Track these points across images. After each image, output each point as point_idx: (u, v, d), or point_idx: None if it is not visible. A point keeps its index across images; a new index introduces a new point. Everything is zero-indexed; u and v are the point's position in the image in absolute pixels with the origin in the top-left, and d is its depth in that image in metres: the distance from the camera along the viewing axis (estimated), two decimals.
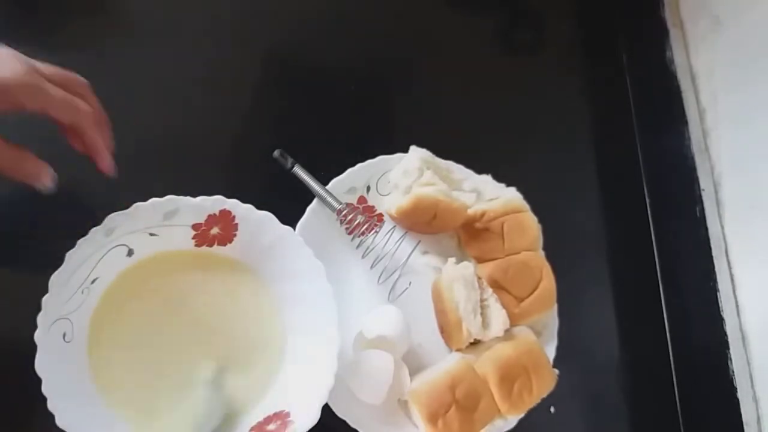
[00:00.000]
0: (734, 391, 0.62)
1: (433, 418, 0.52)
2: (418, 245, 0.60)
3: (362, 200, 0.61)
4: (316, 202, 0.58)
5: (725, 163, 0.70)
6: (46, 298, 0.42)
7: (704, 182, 0.71)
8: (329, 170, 0.60)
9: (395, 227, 0.61)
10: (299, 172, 0.59)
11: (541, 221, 0.62)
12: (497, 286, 0.58)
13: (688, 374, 0.68)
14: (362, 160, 0.61)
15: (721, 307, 0.65)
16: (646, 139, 0.78)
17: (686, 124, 0.74)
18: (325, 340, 0.49)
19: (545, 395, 0.56)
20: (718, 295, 0.66)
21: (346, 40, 0.71)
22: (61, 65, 0.48)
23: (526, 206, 0.62)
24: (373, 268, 0.59)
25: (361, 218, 0.57)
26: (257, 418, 0.49)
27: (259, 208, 0.50)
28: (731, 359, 0.63)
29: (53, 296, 0.42)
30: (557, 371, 0.57)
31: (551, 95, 0.77)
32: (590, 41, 0.83)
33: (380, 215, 0.62)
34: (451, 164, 0.63)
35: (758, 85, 0.66)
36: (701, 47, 0.76)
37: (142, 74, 0.61)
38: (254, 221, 0.50)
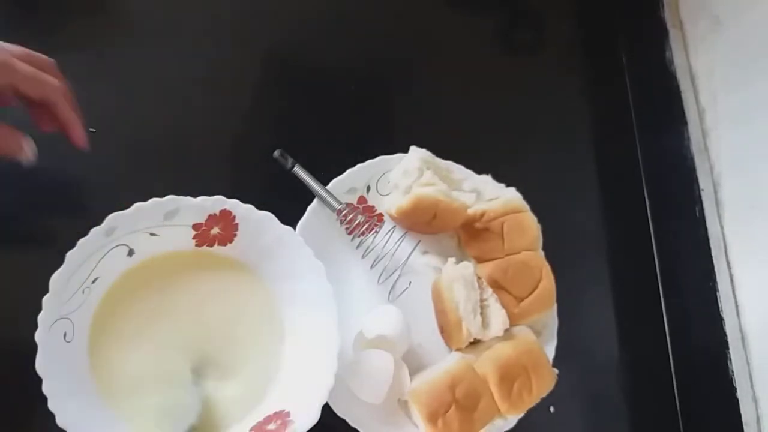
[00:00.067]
0: (734, 391, 0.62)
1: (433, 417, 0.52)
2: (418, 245, 0.60)
3: (362, 200, 0.61)
4: (316, 202, 0.58)
5: (725, 163, 0.70)
6: (46, 298, 0.42)
7: (704, 182, 0.71)
8: (329, 170, 0.60)
9: (395, 227, 0.61)
10: (299, 172, 0.59)
11: (540, 221, 0.62)
12: (497, 285, 0.58)
13: (687, 374, 0.68)
14: (362, 160, 0.61)
15: (720, 307, 0.65)
16: (645, 139, 0.78)
17: (686, 124, 0.74)
18: (325, 340, 0.49)
19: (545, 395, 0.56)
20: (717, 295, 0.66)
21: (346, 40, 0.71)
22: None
23: (525, 206, 0.62)
24: (373, 268, 0.59)
25: (361, 218, 0.57)
26: (257, 418, 0.49)
27: (259, 208, 0.50)
28: (731, 359, 0.63)
29: (54, 296, 0.42)
30: (557, 371, 0.58)
31: (551, 95, 0.77)
32: (590, 41, 0.83)
33: (380, 215, 0.62)
34: (451, 164, 0.63)
35: (758, 85, 0.66)
36: (701, 47, 0.76)
37: (142, 74, 0.62)
38: (254, 221, 0.50)
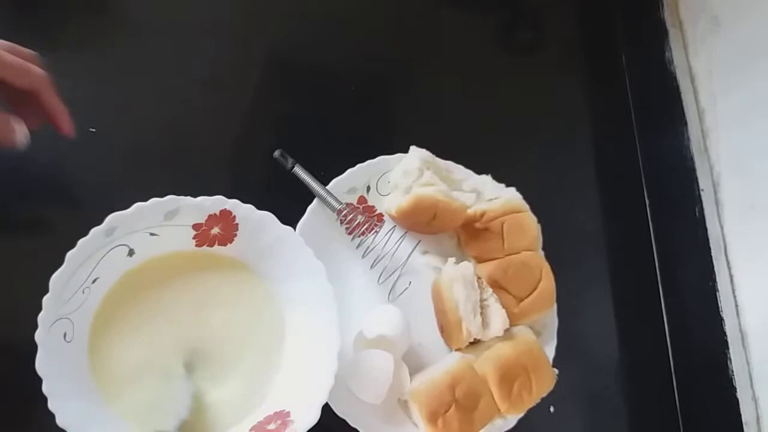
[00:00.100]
0: (734, 390, 0.62)
1: (433, 417, 0.52)
2: (418, 245, 0.60)
3: (362, 200, 0.61)
4: (316, 202, 0.58)
5: (724, 163, 0.70)
6: (46, 298, 0.42)
7: (703, 182, 0.71)
8: (329, 170, 0.60)
9: (395, 227, 0.61)
10: (299, 172, 0.59)
11: (540, 221, 0.62)
12: (497, 285, 0.58)
13: (687, 374, 0.68)
14: (362, 160, 0.61)
15: (720, 307, 0.65)
16: (645, 139, 0.78)
17: (685, 124, 0.74)
18: (325, 340, 0.49)
19: (545, 395, 0.56)
20: (717, 295, 0.66)
21: (346, 40, 0.71)
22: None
23: (525, 206, 0.62)
24: (373, 268, 0.59)
25: (361, 218, 0.57)
26: (257, 417, 0.49)
27: (259, 208, 0.50)
28: (731, 359, 0.63)
29: (54, 296, 0.42)
30: (557, 371, 0.58)
31: (551, 95, 0.78)
32: (590, 41, 0.83)
33: (380, 215, 0.62)
34: (451, 164, 0.63)
35: (757, 85, 0.66)
36: (700, 48, 0.76)
37: (142, 74, 0.62)
38: (255, 221, 0.50)
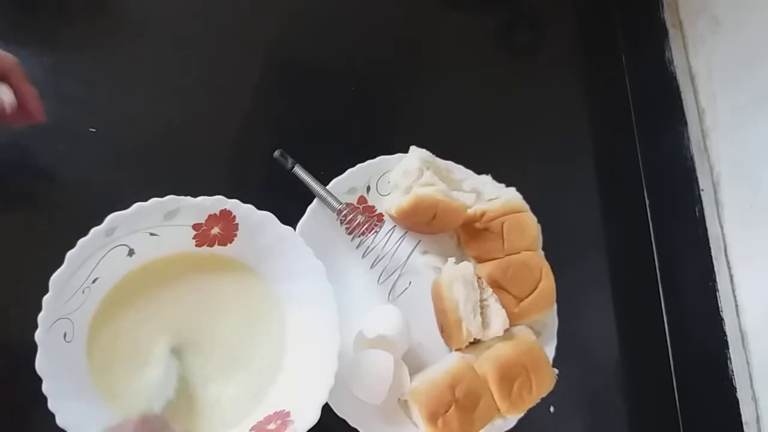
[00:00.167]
0: (734, 390, 0.62)
1: (433, 417, 0.52)
2: (418, 245, 0.60)
3: (362, 200, 0.61)
4: (316, 202, 0.58)
5: (724, 163, 0.70)
6: (46, 298, 0.42)
7: (703, 182, 0.71)
8: (329, 170, 0.60)
9: (395, 227, 0.61)
10: (299, 172, 0.59)
11: (541, 221, 0.62)
12: (497, 285, 0.58)
13: (687, 374, 0.68)
14: (362, 160, 0.61)
15: (720, 307, 0.65)
16: (645, 139, 0.78)
17: (685, 124, 0.74)
18: (325, 340, 0.49)
19: (545, 395, 0.56)
20: (717, 295, 0.66)
21: (346, 40, 0.71)
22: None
23: (525, 206, 0.62)
24: (373, 268, 0.59)
25: (361, 218, 0.57)
26: (257, 418, 0.49)
27: (259, 208, 0.50)
28: (731, 359, 0.63)
29: (54, 296, 0.42)
30: (557, 371, 0.58)
31: (551, 95, 0.78)
32: (590, 42, 0.83)
33: (380, 215, 0.62)
34: (451, 164, 0.63)
35: (757, 85, 0.66)
36: (700, 48, 0.76)
37: (142, 74, 0.62)
38: (255, 221, 0.50)
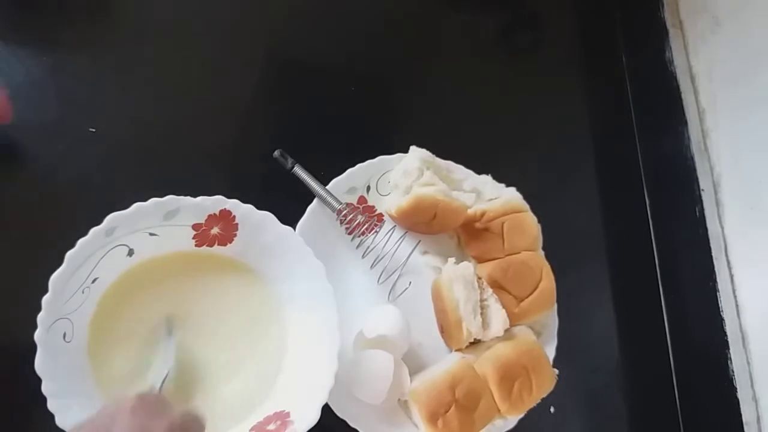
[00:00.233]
0: (734, 390, 0.62)
1: (433, 417, 0.52)
2: (418, 245, 0.60)
3: (362, 200, 0.61)
4: (316, 202, 0.58)
5: (725, 163, 0.70)
6: (46, 298, 0.42)
7: (704, 182, 0.71)
8: (329, 170, 0.60)
9: (395, 227, 0.61)
10: (299, 172, 0.59)
11: (541, 221, 0.62)
12: (497, 286, 0.58)
13: (688, 374, 0.68)
14: (362, 160, 0.61)
15: (720, 307, 0.65)
16: (645, 139, 0.78)
17: (686, 124, 0.74)
18: (325, 340, 0.49)
19: (545, 395, 0.56)
20: (718, 294, 0.66)
21: (346, 40, 0.71)
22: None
23: (526, 206, 0.62)
24: (373, 268, 0.59)
25: (361, 218, 0.57)
26: (257, 418, 0.48)
27: (259, 208, 0.50)
28: (731, 359, 0.63)
29: (53, 296, 0.42)
30: (557, 371, 0.57)
31: (551, 95, 0.77)
32: (590, 42, 0.83)
33: (380, 215, 0.62)
34: (451, 164, 0.63)
35: (758, 84, 0.66)
36: (701, 47, 0.76)
37: (142, 74, 0.62)
38: (254, 221, 0.50)
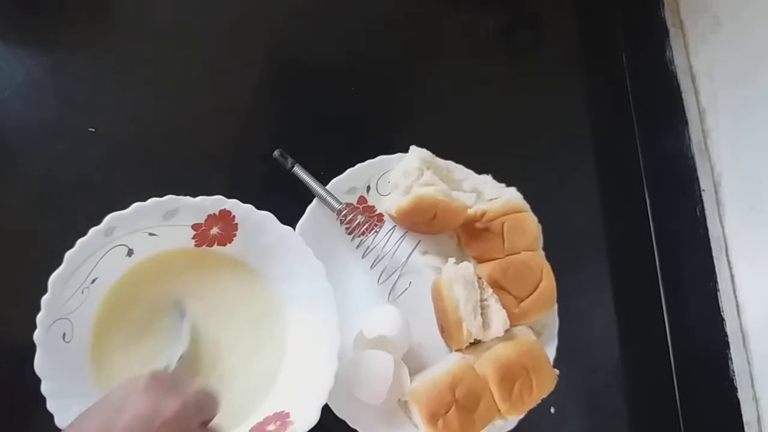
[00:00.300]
0: (734, 390, 0.62)
1: (433, 417, 0.52)
2: (418, 245, 0.60)
3: (362, 200, 0.61)
4: (316, 202, 0.58)
5: (725, 163, 0.70)
6: (46, 298, 0.42)
7: (704, 182, 0.71)
8: (329, 170, 0.60)
9: (395, 227, 0.61)
10: (299, 172, 0.59)
11: (541, 221, 0.62)
12: (497, 286, 0.58)
13: (688, 374, 0.68)
14: (362, 160, 0.61)
15: (721, 307, 0.65)
16: (645, 139, 0.78)
17: (686, 124, 0.74)
18: (325, 340, 0.49)
19: (545, 395, 0.56)
20: (718, 294, 0.65)
21: (346, 40, 0.71)
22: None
23: (526, 206, 0.62)
24: (373, 268, 0.59)
25: (361, 218, 0.57)
26: (257, 418, 0.48)
27: (259, 208, 0.50)
28: (731, 359, 0.63)
29: (53, 296, 0.42)
30: (557, 371, 0.57)
31: (551, 95, 0.77)
32: (590, 42, 0.83)
33: (380, 215, 0.62)
34: (451, 164, 0.63)
35: (758, 84, 0.66)
36: (701, 47, 0.76)
37: (142, 74, 0.62)
38: (254, 221, 0.50)
